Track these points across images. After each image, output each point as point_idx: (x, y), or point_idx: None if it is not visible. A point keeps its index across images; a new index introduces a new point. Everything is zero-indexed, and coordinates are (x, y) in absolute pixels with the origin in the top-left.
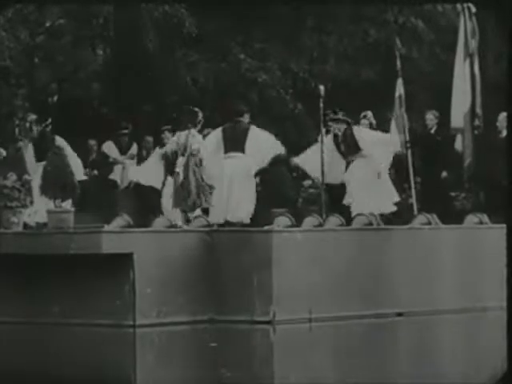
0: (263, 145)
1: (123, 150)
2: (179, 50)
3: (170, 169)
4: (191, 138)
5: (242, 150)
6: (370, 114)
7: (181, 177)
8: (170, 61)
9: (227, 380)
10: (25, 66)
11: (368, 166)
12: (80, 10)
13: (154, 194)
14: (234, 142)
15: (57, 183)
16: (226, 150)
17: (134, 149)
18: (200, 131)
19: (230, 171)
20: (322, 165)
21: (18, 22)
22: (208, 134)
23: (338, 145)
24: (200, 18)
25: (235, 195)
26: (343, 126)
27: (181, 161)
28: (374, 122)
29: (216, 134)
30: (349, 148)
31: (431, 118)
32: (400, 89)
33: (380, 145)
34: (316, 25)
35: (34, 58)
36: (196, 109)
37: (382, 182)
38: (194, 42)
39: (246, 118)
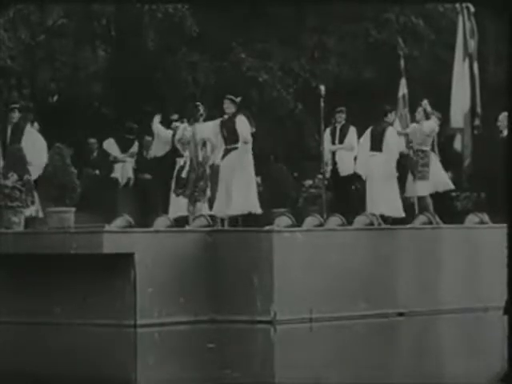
0: (395, 144)
1: (124, 148)
2: (180, 49)
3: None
4: (198, 131)
5: (380, 149)
6: (425, 101)
7: (186, 169)
8: (171, 60)
9: (228, 380)
10: (26, 66)
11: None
12: (81, 10)
13: (155, 192)
14: (377, 142)
15: (57, 183)
16: (371, 149)
17: (135, 147)
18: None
19: (373, 169)
20: (322, 163)
21: (19, 22)
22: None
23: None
24: (201, 18)
25: (377, 192)
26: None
27: (187, 154)
28: (429, 109)
29: (365, 135)
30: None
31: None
32: (403, 88)
33: None
34: (317, 24)
35: (35, 58)
36: (197, 103)
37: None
38: (195, 42)
39: (389, 118)
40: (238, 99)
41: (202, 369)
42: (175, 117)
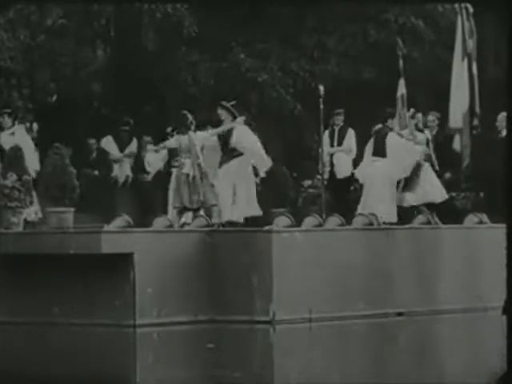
0: (396, 149)
1: (122, 146)
2: (179, 49)
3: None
4: (194, 139)
5: (382, 155)
6: (419, 115)
7: (188, 176)
8: (171, 60)
9: (228, 380)
10: (25, 66)
11: None
12: (81, 10)
13: (154, 192)
14: (379, 148)
15: (56, 183)
16: (374, 154)
17: (134, 146)
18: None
19: (373, 174)
20: (323, 164)
21: (19, 22)
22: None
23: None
24: (200, 18)
25: (373, 196)
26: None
27: (188, 162)
28: (421, 125)
29: (370, 143)
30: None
31: (432, 119)
32: (402, 89)
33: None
34: (316, 25)
35: (34, 58)
36: (184, 112)
37: None
38: (195, 42)
39: (390, 123)
40: (232, 103)
41: (202, 369)
42: (169, 129)
